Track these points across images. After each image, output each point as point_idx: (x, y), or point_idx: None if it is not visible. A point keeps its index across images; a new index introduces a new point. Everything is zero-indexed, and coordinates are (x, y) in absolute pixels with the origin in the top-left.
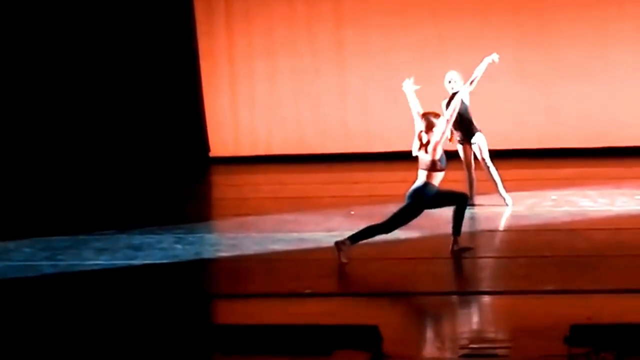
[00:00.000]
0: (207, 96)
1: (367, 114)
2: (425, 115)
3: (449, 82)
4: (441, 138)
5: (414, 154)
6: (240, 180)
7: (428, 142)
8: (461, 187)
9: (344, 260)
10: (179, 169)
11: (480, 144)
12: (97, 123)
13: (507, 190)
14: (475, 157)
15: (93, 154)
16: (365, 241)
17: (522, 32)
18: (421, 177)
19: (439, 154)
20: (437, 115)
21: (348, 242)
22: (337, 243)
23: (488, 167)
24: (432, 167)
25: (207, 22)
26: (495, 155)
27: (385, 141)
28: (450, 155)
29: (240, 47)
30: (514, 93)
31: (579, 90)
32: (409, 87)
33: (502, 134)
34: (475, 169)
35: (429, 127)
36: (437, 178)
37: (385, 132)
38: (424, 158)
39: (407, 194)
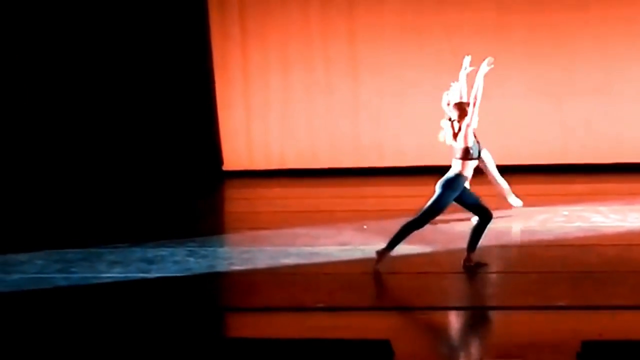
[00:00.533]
0: (221, 110)
1: (379, 129)
2: (458, 104)
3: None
4: (470, 123)
5: (447, 143)
6: (253, 193)
7: (459, 130)
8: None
9: (378, 268)
10: (192, 182)
11: (487, 161)
12: (112, 136)
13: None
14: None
15: (107, 166)
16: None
17: (535, 49)
18: (454, 166)
19: (470, 141)
20: (468, 104)
21: (387, 250)
22: (378, 252)
23: (497, 180)
24: (465, 155)
25: (222, 36)
26: (508, 170)
27: (397, 156)
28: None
29: (254, 61)
30: (527, 109)
31: (591, 106)
32: (465, 67)
33: (514, 150)
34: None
35: (462, 115)
36: (469, 167)
37: (397, 146)
38: (456, 147)
39: (439, 183)
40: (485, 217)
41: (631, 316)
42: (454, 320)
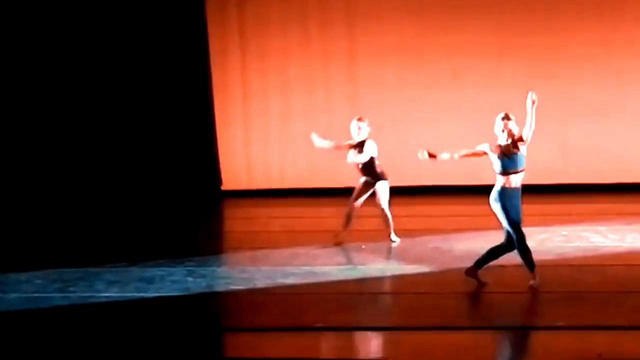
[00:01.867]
0: (220, 130)
1: (379, 149)
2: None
3: (358, 128)
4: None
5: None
6: (251, 213)
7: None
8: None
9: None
10: (191, 202)
11: (380, 192)
12: (112, 156)
13: None
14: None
15: (107, 186)
16: (381, 275)
17: (534, 69)
18: (498, 181)
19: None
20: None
21: (474, 268)
22: (466, 272)
23: (384, 213)
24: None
25: (222, 57)
26: None
27: (397, 176)
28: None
29: (254, 82)
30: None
31: (591, 127)
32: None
33: None
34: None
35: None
36: (512, 179)
37: (397, 166)
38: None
39: (491, 199)
40: (510, 244)
41: (630, 337)
42: (451, 340)
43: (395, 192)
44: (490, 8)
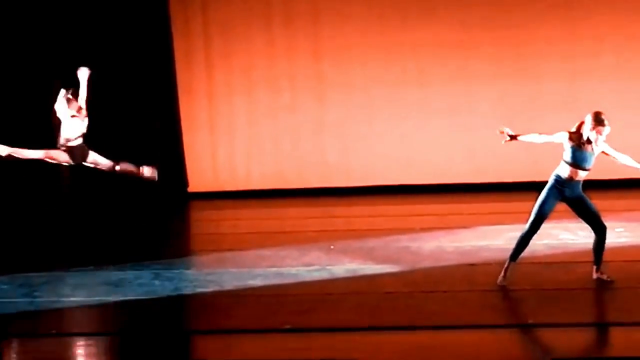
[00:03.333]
0: (186, 131)
1: (346, 149)
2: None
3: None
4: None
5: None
6: (218, 215)
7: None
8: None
9: (503, 282)
10: (157, 204)
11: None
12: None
13: (488, 224)
14: None
15: (71, 189)
16: (350, 275)
17: (502, 67)
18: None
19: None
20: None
21: (511, 263)
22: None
23: None
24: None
25: (186, 58)
26: (475, 188)
27: (364, 176)
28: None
29: (219, 82)
30: (494, 127)
31: (561, 124)
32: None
33: (481, 167)
34: None
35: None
36: (575, 174)
37: (364, 166)
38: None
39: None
40: (600, 231)
41: (600, 333)
42: (422, 340)
43: (361, 191)
44: (455, 5)
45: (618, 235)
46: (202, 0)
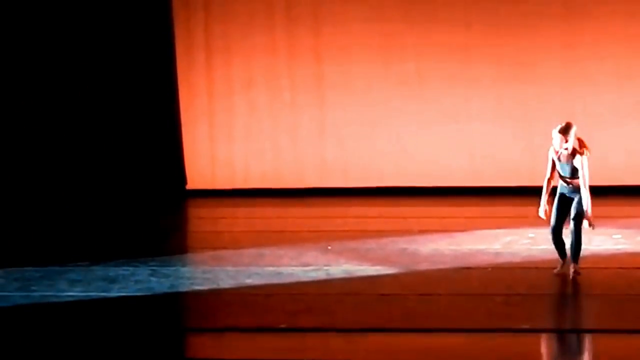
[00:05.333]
0: (185, 129)
1: (345, 149)
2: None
3: None
4: None
5: None
6: (216, 213)
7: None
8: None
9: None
10: (155, 201)
11: None
12: (74, 154)
13: (485, 227)
14: None
15: (69, 184)
16: (346, 276)
17: (501, 71)
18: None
19: None
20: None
21: (576, 264)
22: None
23: None
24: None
25: (187, 56)
26: (474, 192)
27: (362, 176)
28: None
29: (219, 80)
30: (493, 131)
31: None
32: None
33: (480, 172)
34: None
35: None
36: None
37: (362, 167)
38: None
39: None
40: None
41: (595, 340)
42: (417, 342)
43: (359, 192)
44: (456, 7)
45: (615, 242)
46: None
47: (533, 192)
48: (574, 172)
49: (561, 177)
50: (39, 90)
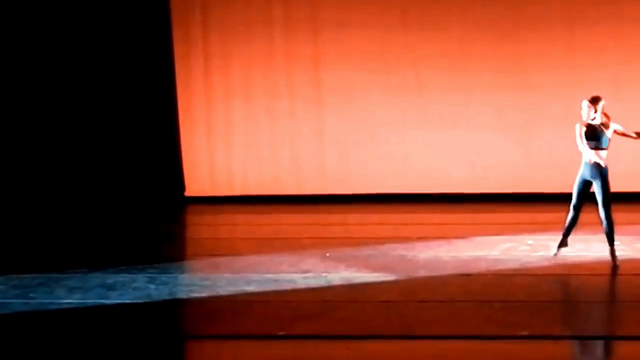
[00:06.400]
0: (183, 136)
1: (344, 156)
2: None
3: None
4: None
5: None
6: (215, 220)
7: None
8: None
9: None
10: (154, 208)
11: None
12: (73, 161)
13: (485, 234)
14: None
15: (68, 191)
16: (345, 283)
17: (500, 78)
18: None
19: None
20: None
21: (613, 248)
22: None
23: None
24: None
25: (186, 63)
26: (473, 198)
27: (361, 183)
28: None
29: (217, 87)
30: (492, 138)
31: (557, 136)
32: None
33: (479, 179)
34: None
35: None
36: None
37: (362, 174)
38: None
39: (592, 175)
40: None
41: (595, 347)
42: (416, 349)
43: (358, 199)
44: (456, 14)
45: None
46: (203, 5)
47: (532, 199)
48: (602, 142)
49: (590, 147)
50: (38, 98)
